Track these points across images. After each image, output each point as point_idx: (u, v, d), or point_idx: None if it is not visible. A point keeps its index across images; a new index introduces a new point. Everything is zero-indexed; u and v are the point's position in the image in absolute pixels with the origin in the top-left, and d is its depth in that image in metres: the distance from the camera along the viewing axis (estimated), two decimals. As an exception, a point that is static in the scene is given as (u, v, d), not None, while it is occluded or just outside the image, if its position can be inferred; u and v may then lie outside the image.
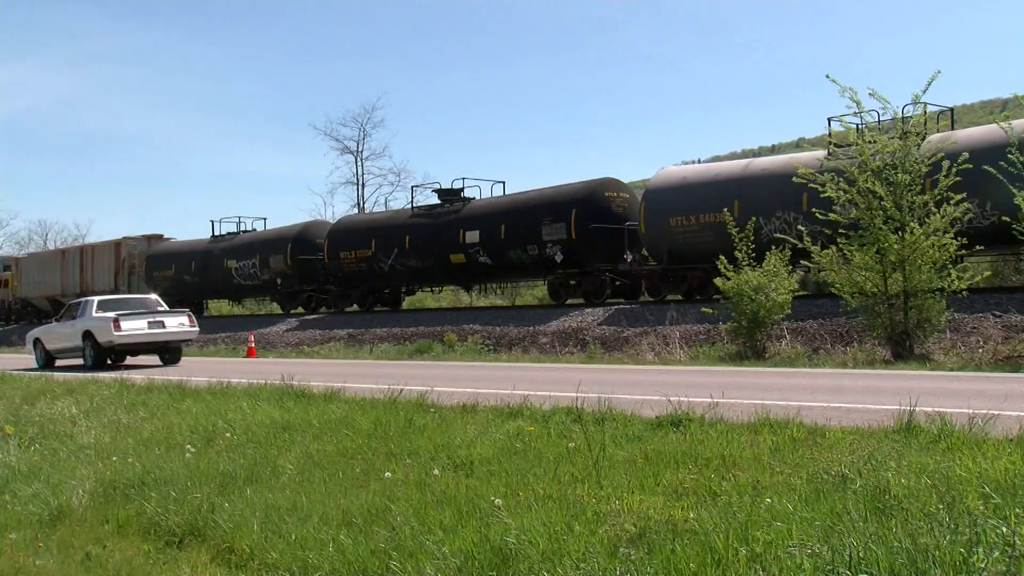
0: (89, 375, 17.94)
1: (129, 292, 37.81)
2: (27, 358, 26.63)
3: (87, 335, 22.48)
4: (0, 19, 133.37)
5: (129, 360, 23.73)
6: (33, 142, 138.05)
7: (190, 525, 6.83)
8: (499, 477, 7.08)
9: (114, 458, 9.30)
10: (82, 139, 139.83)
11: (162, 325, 22.62)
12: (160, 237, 43.83)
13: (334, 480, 7.48)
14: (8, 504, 8.16)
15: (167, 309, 24.05)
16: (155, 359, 23.77)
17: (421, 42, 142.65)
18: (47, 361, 24.38)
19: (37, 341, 25.21)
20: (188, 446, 9.41)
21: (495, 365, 19.57)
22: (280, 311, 37.13)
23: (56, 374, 18.84)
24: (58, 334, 24.20)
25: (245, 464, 8.27)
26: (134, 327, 22.03)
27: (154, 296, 26.67)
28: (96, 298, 24.49)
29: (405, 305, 35.23)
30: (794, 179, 18.04)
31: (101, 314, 22.54)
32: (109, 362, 22.83)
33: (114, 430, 11.24)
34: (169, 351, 23.46)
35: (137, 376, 16.58)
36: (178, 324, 22.96)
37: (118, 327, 21.74)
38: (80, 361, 22.96)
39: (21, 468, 9.40)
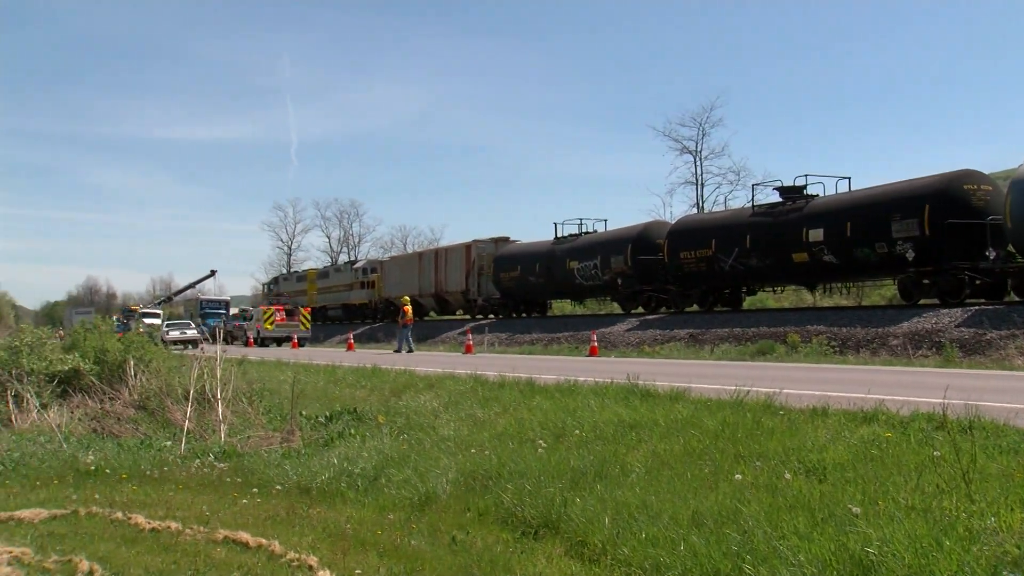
0: (448, 371, 19.19)
1: (478, 292, 44.88)
2: (391, 355, 29.37)
3: (159, 337, 43.20)
4: (368, 48, 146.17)
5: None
6: (394, 154, 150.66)
7: (544, 517, 7.11)
8: (854, 484, 6.78)
9: (472, 450, 9.89)
10: (435, 149, 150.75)
11: (185, 332, 49.33)
12: (506, 239, 45.74)
13: (682, 480, 7.49)
14: (384, 488, 8.95)
15: (190, 324, 53.81)
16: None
17: (759, 38, 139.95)
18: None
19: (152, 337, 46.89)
20: (540, 441, 9.78)
21: (842, 367, 18.76)
22: (620, 311, 37.67)
23: (418, 369, 20.32)
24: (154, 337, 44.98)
25: (594, 461, 8.47)
26: (174, 332, 48.19)
27: (187, 321, 58.61)
28: (166, 322, 52.35)
29: (745, 305, 34.52)
30: None
31: (164, 329, 45.12)
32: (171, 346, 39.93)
33: (471, 423, 11.92)
34: (190, 343, 44.07)
35: (490, 372, 17.48)
36: (193, 330, 49.71)
37: (167, 333, 45.21)
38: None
39: (393, 455, 10.26)
